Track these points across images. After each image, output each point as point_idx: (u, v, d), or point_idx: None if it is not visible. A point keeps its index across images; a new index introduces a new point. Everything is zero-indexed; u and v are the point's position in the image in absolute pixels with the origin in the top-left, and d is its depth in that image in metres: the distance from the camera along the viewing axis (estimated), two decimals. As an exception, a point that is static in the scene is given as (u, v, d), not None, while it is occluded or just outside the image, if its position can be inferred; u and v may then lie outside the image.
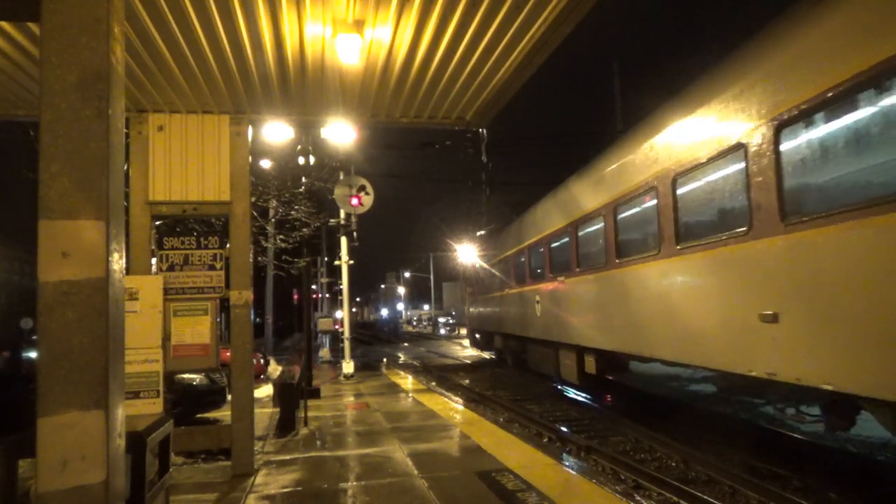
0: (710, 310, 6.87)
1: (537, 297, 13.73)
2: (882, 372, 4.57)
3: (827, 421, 6.25)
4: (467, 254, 25.81)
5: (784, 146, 5.67)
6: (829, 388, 5.04)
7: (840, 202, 4.97)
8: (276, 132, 10.37)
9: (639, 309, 8.67)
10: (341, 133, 11.56)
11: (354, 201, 15.41)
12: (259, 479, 6.41)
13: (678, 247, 7.47)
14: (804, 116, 5.41)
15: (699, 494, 6.60)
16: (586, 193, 10.83)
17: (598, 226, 10.16)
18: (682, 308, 7.50)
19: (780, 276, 5.65)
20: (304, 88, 6.40)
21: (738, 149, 6.24)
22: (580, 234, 11.09)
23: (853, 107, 4.96)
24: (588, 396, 13.55)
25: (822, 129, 5.31)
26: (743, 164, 6.20)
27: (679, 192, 7.50)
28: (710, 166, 6.84)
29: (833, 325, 5.03)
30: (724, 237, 6.55)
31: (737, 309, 6.33)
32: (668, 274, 7.82)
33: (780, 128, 5.68)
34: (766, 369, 5.87)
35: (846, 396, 5.03)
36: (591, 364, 10.83)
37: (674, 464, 8.12)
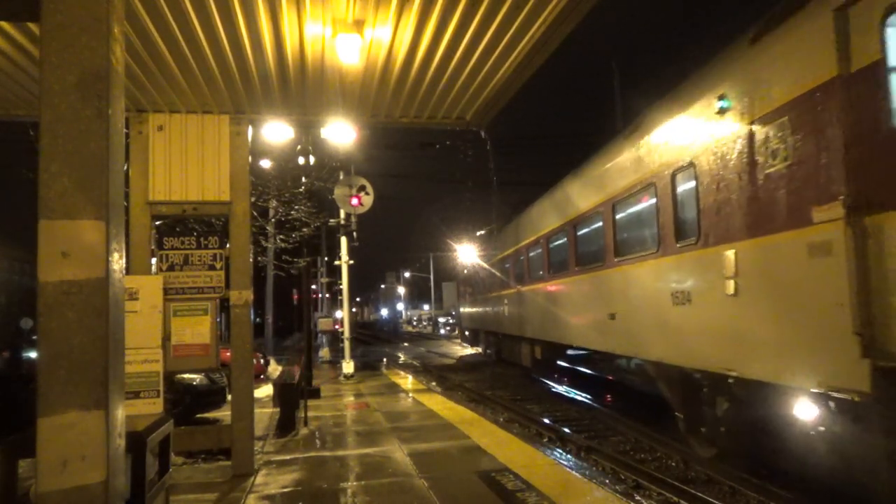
0: (587, 310, 11.14)
1: (506, 301, 18.04)
2: (659, 349, 8.04)
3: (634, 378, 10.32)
4: (461, 258, 28.70)
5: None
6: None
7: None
8: (276, 132, 10.36)
9: (561, 310, 12.68)
10: (341, 133, 11.54)
11: (354, 201, 15.40)
12: (259, 479, 6.41)
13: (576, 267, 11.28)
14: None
15: (699, 494, 6.59)
16: (535, 223, 14.69)
17: (537, 250, 14.38)
18: (579, 310, 11.58)
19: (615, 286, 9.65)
20: (304, 88, 6.40)
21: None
22: (530, 254, 15.11)
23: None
24: (588, 396, 13.55)
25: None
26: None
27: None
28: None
29: (639, 321, 8.65)
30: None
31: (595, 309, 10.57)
32: (574, 286, 11.76)
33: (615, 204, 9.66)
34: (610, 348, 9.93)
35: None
36: (538, 352, 14.88)
37: (674, 464, 8.12)
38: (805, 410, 5.38)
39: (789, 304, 5.39)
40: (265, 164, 16.17)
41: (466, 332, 28.21)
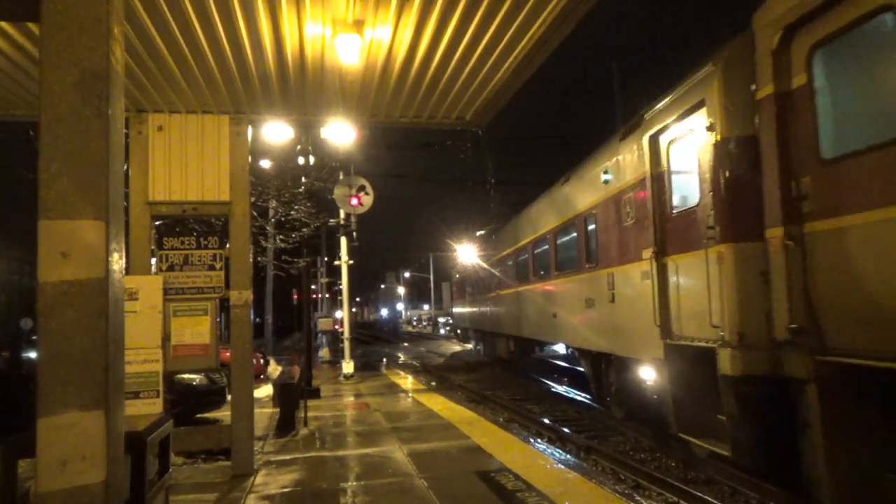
0: (540, 312, 14.23)
1: (489, 303, 21.17)
2: (579, 339, 11.10)
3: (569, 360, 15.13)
4: (454, 261, 31.40)
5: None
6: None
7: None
8: (276, 132, 10.36)
9: (525, 312, 15.88)
10: (341, 133, 11.55)
11: (354, 201, 15.41)
12: (259, 479, 6.41)
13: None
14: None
15: (699, 494, 6.60)
16: (508, 239, 17.80)
17: (511, 261, 17.39)
18: (536, 311, 14.73)
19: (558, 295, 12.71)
20: (303, 88, 6.40)
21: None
22: (507, 263, 17.96)
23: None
24: (588, 396, 13.56)
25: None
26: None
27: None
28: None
29: (569, 320, 11.73)
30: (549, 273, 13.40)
31: (545, 311, 13.81)
32: (532, 292, 14.98)
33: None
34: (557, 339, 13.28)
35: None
36: (513, 346, 17.98)
37: (674, 464, 8.12)
38: (645, 371, 8.26)
39: (635, 308, 8.29)
40: (265, 164, 16.19)
41: (458, 331, 32.33)
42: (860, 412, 4.60)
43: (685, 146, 7.06)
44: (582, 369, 12.71)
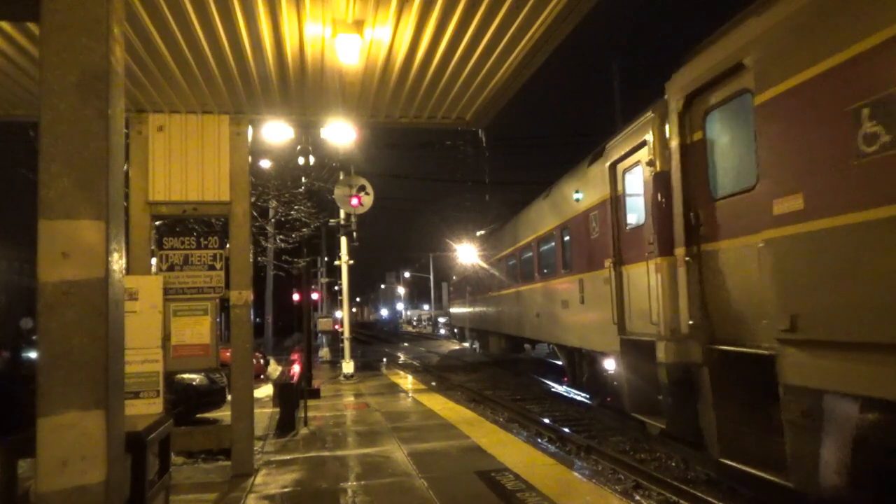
0: (525, 312, 15.72)
1: (482, 304, 22.91)
2: (557, 335, 12.59)
3: (549, 354, 17.86)
4: (452, 262, 33.01)
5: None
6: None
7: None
8: (276, 132, 10.37)
9: (513, 312, 17.37)
10: (341, 133, 11.56)
11: (354, 201, 15.40)
12: (259, 479, 6.41)
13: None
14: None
15: (699, 494, 6.59)
16: (499, 244, 19.31)
17: (502, 265, 18.78)
18: (522, 311, 16.18)
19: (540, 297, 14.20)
20: (303, 89, 6.40)
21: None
22: (497, 267, 19.54)
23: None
24: (587, 396, 13.56)
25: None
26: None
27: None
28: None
29: (550, 319, 13.15)
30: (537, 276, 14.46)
31: (530, 311, 15.21)
32: (518, 294, 16.42)
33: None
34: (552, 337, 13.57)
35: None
36: (505, 343, 19.84)
37: (674, 464, 8.12)
38: (608, 362, 9.64)
39: (599, 309, 9.71)
40: (265, 164, 16.17)
41: (455, 330, 34.73)
42: (733, 384, 6.01)
43: (635, 175, 8.39)
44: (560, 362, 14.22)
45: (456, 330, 34.14)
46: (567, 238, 11.71)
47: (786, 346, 4.93)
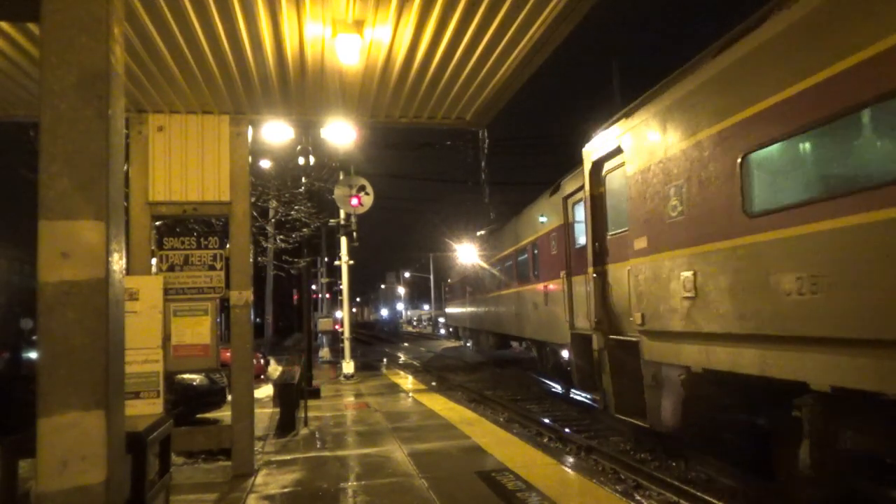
0: (507, 312, 18.82)
1: (474, 304, 26.15)
2: (530, 332, 15.97)
3: (526, 349, 18.45)
4: (451, 263, 35.19)
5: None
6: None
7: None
8: (276, 132, 10.38)
9: (498, 312, 20.36)
10: (341, 133, 11.57)
11: (354, 201, 15.40)
12: (259, 479, 6.41)
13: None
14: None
15: (699, 494, 6.59)
16: (487, 252, 22.46)
17: (490, 270, 21.58)
18: (505, 312, 19.06)
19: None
20: (303, 89, 6.40)
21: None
22: (487, 272, 22.18)
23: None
24: (587, 396, 13.56)
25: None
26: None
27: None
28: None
29: (525, 318, 16.28)
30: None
31: (511, 312, 18.22)
32: (502, 297, 19.41)
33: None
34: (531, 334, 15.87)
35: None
36: (492, 340, 22.54)
37: (674, 464, 8.12)
38: (564, 352, 12.34)
39: (557, 310, 12.38)
40: (265, 164, 16.14)
41: (451, 328, 39.58)
42: (622, 362, 8.21)
43: (579, 208, 10.94)
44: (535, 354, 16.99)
45: (451, 329, 39.10)
46: (536, 252, 14.56)
47: (641, 334, 7.42)
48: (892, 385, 4.10)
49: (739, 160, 5.50)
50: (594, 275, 8.91)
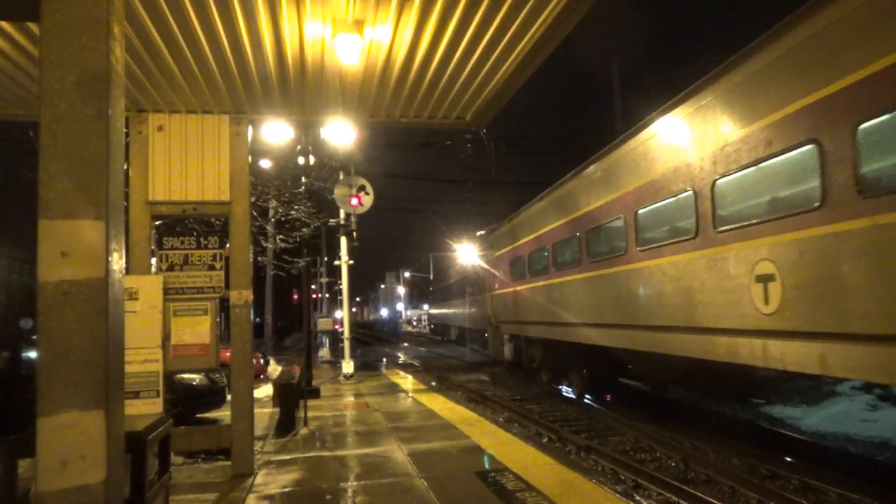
0: (465, 312, 33.01)
1: (446, 307, 40.41)
2: (469, 323, 30.64)
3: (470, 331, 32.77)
4: (438, 264, 44.03)
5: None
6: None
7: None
8: (276, 132, 10.37)
9: (460, 312, 33.97)
10: (341, 133, 11.55)
11: (354, 201, 15.40)
12: (259, 479, 6.41)
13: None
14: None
15: (699, 494, 6.60)
16: (451, 270, 36.87)
17: (455, 284, 35.45)
18: (462, 312, 34.24)
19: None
20: (303, 88, 6.39)
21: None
22: (455, 284, 34.73)
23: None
24: (588, 396, 13.57)
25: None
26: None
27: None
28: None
29: (468, 313, 30.63)
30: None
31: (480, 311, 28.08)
32: (465, 302, 32.33)
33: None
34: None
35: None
36: (456, 333, 36.03)
37: (674, 464, 8.12)
38: (485, 335, 24.37)
39: (484, 310, 22.94)
40: (265, 164, 16.13)
41: (433, 326, 53.21)
42: (513, 339, 17.93)
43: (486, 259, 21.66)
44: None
45: (433, 325, 53.14)
46: (478, 275, 24.36)
47: (500, 323, 19.03)
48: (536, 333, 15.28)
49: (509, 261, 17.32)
50: (491, 295, 20.39)
